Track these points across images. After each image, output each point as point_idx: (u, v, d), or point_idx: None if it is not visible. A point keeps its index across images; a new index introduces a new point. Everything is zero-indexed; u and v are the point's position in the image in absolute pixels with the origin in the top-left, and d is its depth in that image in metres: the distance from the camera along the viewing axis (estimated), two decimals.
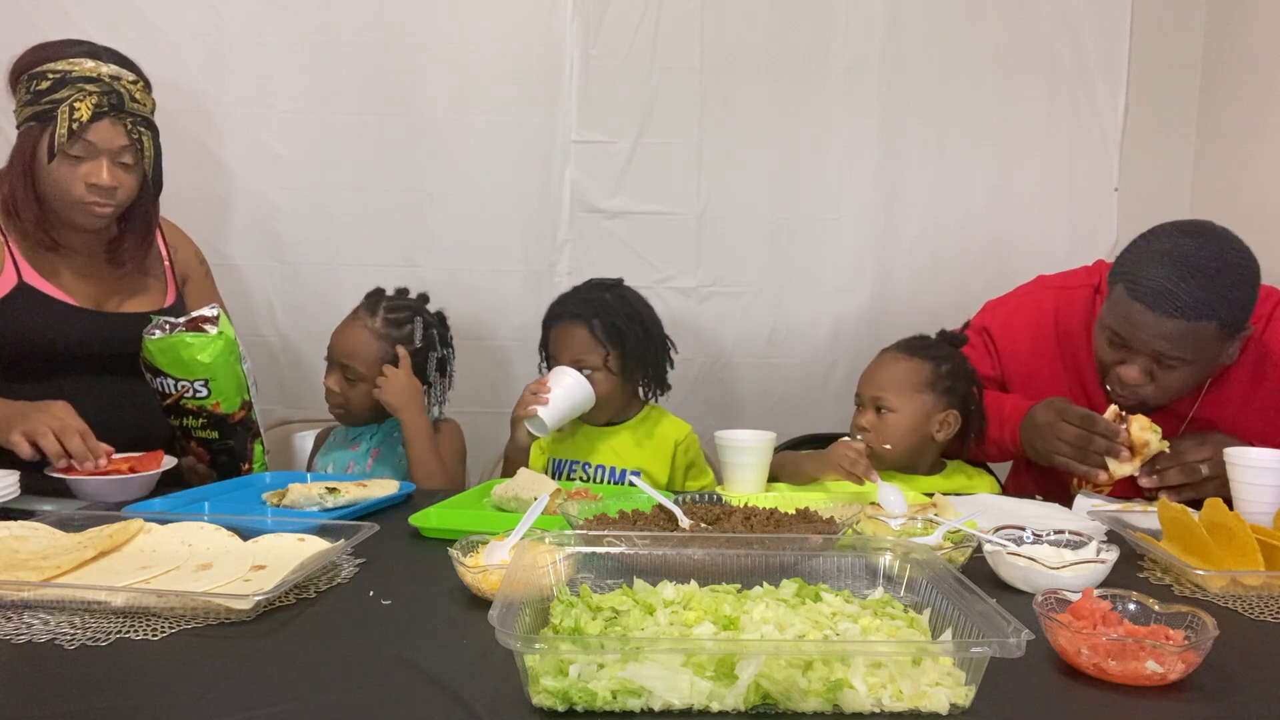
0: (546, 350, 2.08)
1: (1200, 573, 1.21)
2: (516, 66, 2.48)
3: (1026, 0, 2.51)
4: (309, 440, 2.22)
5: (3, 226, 1.82)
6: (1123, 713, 0.88)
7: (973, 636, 0.89)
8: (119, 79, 1.76)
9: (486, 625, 0.84)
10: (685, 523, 1.33)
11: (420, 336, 2.04)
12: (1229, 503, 1.41)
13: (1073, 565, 1.18)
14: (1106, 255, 2.24)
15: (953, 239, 2.58)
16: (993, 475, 1.99)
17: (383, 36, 2.46)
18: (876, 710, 0.85)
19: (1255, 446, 1.58)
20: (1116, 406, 1.68)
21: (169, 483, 1.75)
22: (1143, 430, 1.64)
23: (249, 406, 1.89)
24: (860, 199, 2.56)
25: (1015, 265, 2.39)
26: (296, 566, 1.13)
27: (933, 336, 1.96)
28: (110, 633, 1.01)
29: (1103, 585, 1.15)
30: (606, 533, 1.19)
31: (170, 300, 2.00)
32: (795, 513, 1.38)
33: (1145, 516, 1.47)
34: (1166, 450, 1.64)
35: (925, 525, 1.37)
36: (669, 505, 1.37)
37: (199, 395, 1.82)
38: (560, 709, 0.84)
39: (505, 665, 0.89)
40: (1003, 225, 2.58)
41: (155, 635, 1.01)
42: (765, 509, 1.39)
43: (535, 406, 1.88)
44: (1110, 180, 2.58)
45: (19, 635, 1.01)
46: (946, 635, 0.94)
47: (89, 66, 1.74)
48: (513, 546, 1.16)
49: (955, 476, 1.91)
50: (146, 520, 1.33)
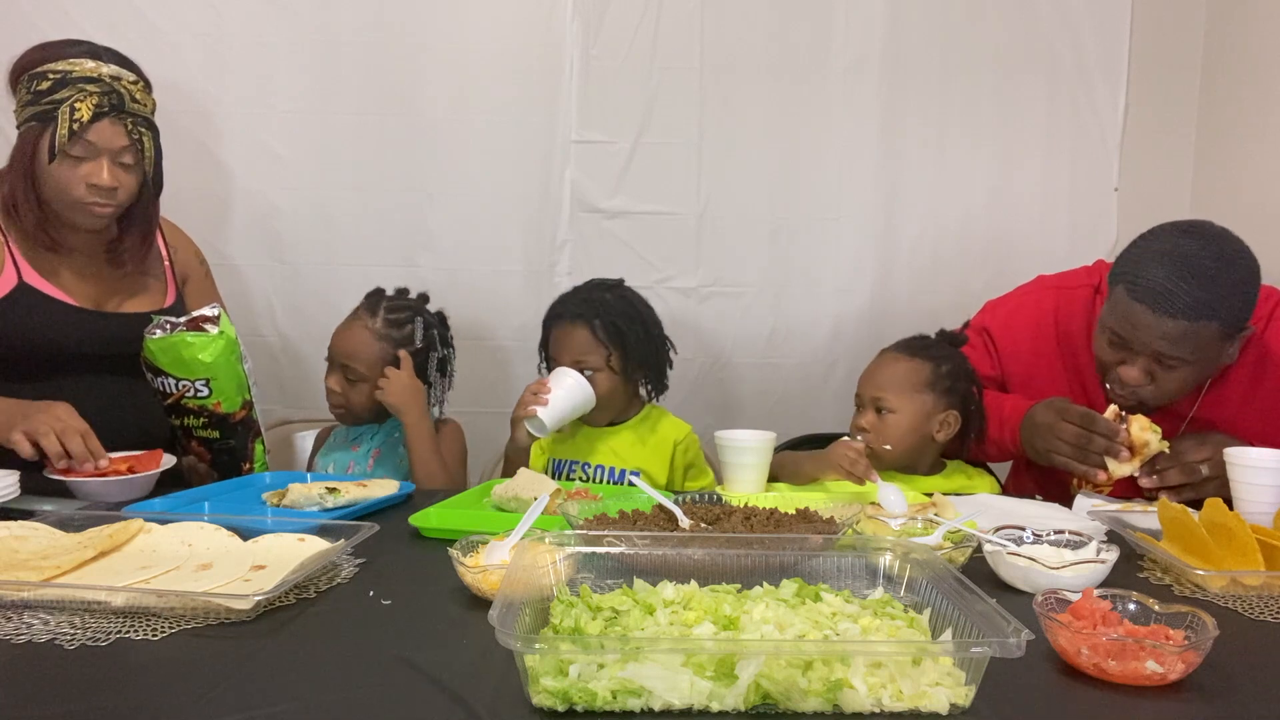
0: (546, 350, 2.08)
1: (1200, 573, 1.21)
2: (516, 66, 2.48)
3: (1026, 0, 2.51)
4: (309, 440, 2.22)
5: (3, 226, 1.82)
6: (1123, 713, 0.88)
7: (973, 636, 0.89)
8: (119, 79, 1.76)
9: (486, 625, 0.84)
10: (685, 523, 1.33)
11: (421, 336, 2.04)
12: (1229, 503, 1.41)
13: (1073, 565, 1.18)
14: (1106, 255, 2.24)
15: (953, 239, 2.59)
16: (993, 475, 1.99)
17: (383, 36, 2.46)
18: (876, 710, 0.85)
19: (1255, 446, 1.58)
20: (1116, 406, 1.68)
21: (169, 483, 1.75)
22: (1143, 430, 1.64)
23: (250, 406, 1.90)
24: (860, 199, 2.56)
25: (1015, 265, 2.39)
26: (296, 566, 1.13)
27: (932, 336, 1.96)
28: (110, 633, 1.01)
29: (1103, 585, 1.15)
30: (606, 533, 1.19)
31: (170, 300, 2.00)
32: (795, 513, 1.38)
33: (1145, 516, 1.47)
34: (1166, 450, 1.64)
35: (925, 525, 1.37)
36: (669, 505, 1.37)
37: (200, 395, 1.82)
38: (560, 709, 0.84)
39: (505, 665, 0.89)
40: (1003, 225, 2.58)
41: (155, 635, 1.01)
42: (765, 509, 1.39)
43: (535, 407, 1.88)
44: (1110, 180, 2.58)
45: (19, 635, 1.01)
46: (946, 635, 0.94)
47: (90, 67, 1.74)
48: (513, 546, 1.16)
49: (955, 476, 1.91)
50: (146, 520, 1.33)
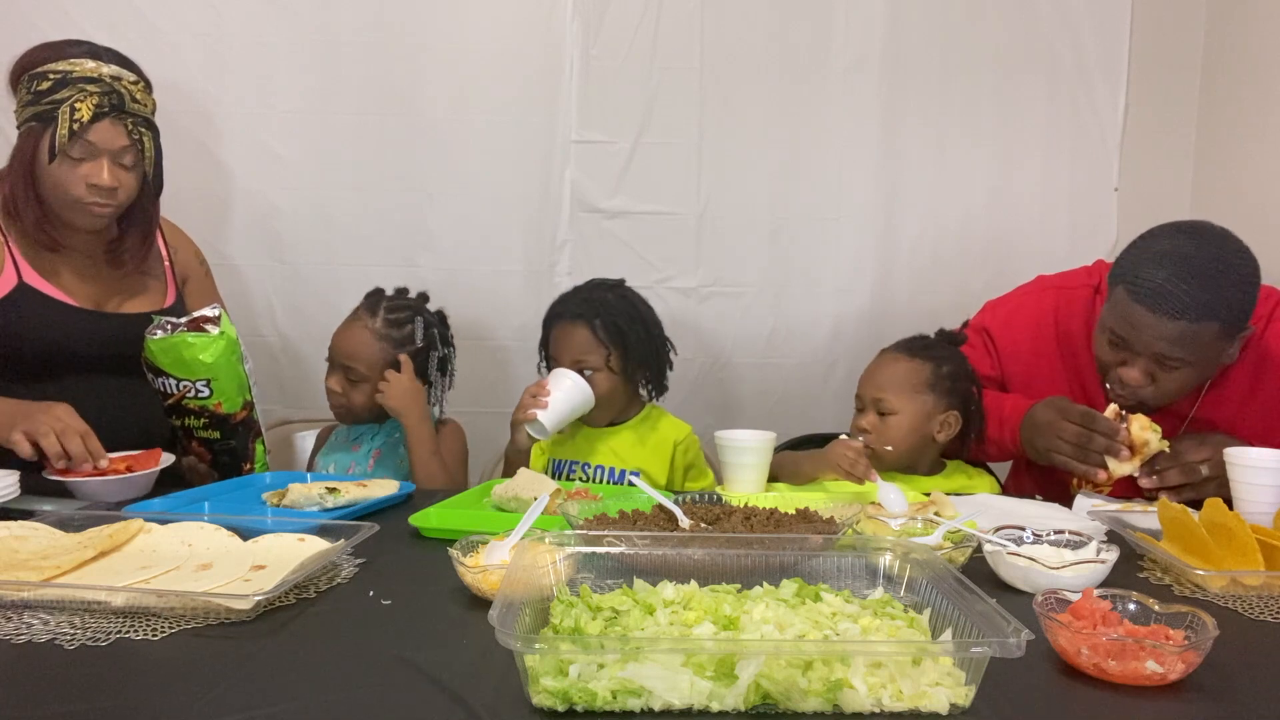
0: (547, 350, 2.08)
1: (1200, 573, 1.21)
2: (516, 66, 2.48)
3: (1026, 0, 2.52)
4: (309, 440, 2.22)
5: (3, 227, 1.82)
6: (1123, 713, 0.88)
7: (973, 636, 0.89)
8: (120, 79, 1.76)
9: (486, 625, 0.84)
10: (685, 523, 1.33)
11: (421, 336, 2.04)
12: (1229, 503, 1.41)
13: (1073, 565, 1.18)
14: (1106, 255, 2.24)
15: (953, 239, 2.59)
16: (993, 475, 1.99)
17: (383, 36, 2.46)
18: (876, 710, 0.85)
19: (1255, 446, 1.58)
20: (1117, 405, 1.68)
21: (169, 483, 1.75)
22: (1143, 429, 1.63)
23: (251, 406, 1.90)
24: (860, 199, 2.56)
25: (1015, 265, 2.40)
26: (296, 566, 1.13)
27: (932, 336, 1.96)
28: (110, 633, 1.01)
29: (1103, 585, 1.15)
30: (606, 533, 1.19)
31: (170, 300, 2.00)
32: (795, 513, 1.38)
33: (1145, 516, 1.47)
34: (1166, 449, 1.64)
35: (925, 525, 1.37)
36: (669, 505, 1.37)
37: (201, 395, 1.82)
38: (560, 709, 0.84)
39: (505, 665, 0.89)
40: (1003, 225, 2.58)
41: (155, 635, 1.01)
42: (765, 509, 1.39)
43: (534, 410, 1.88)
44: (1110, 180, 2.58)
45: (19, 635, 1.01)
46: (946, 635, 0.94)
47: (90, 67, 1.74)
48: (513, 546, 1.16)
49: (955, 476, 1.91)
50: (146, 520, 1.33)
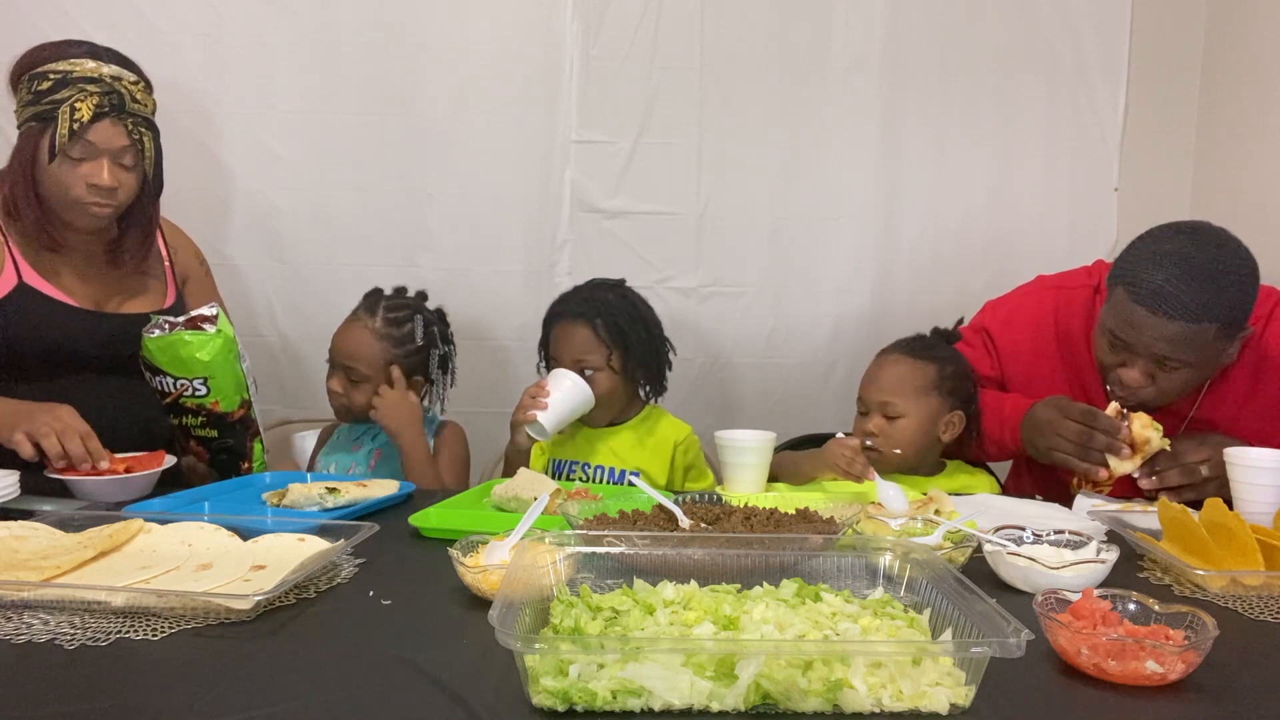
0: (547, 350, 2.07)
1: (1200, 573, 1.21)
2: (516, 66, 2.48)
3: (1026, 0, 2.52)
4: (309, 440, 2.22)
5: (3, 227, 1.82)
6: (1123, 713, 0.88)
7: (973, 636, 0.89)
8: (120, 79, 1.76)
9: (486, 625, 0.84)
10: (685, 523, 1.33)
11: (421, 334, 2.04)
12: (1229, 503, 1.41)
13: (1073, 565, 1.18)
14: (1106, 255, 2.24)
15: (953, 239, 2.59)
16: (993, 475, 1.99)
17: (383, 36, 2.46)
18: (876, 710, 0.85)
19: (1255, 446, 1.58)
20: (1118, 404, 1.68)
21: (169, 483, 1.75)
22: (1144, 428, 1.63)
23: (248, 405, 1.90)
24: (860, 199, 2.56)
25: (1015, 265, 2.40)
26: (296, 566, 1.13)
27: (928, 335, 1.96)
28: (110, 633, 1.01)
29: (1103, 585, 1.15)
30: (606, 533, 1.19)
31: (170, 301, 2.00)
32: (795, 513, 1.38)
33: (1145, 516, 1.47)
34: (1168, 448, 1.63)
35: (925, 525, 1.37)
36: (669, 505, 1.37)
37: (198, 393, 1.82)
38: (560, 709, 0.84)
39: (505, 665, 0.89)
40: (1003, 225, 2.58)
41: (155, 635, 1.01)
42: (765, 509, 1.39)
43: (534, 412, 1.88)
44: (1110, 180, 2.58)
45: (19, 635, 1.01)
46: (946, 635, 0.94)
47: (90, 67, 1.74)
48: (513, 546, 1.16)
49: (955, 476, 1.91)
50: (146, 520, 1.33)
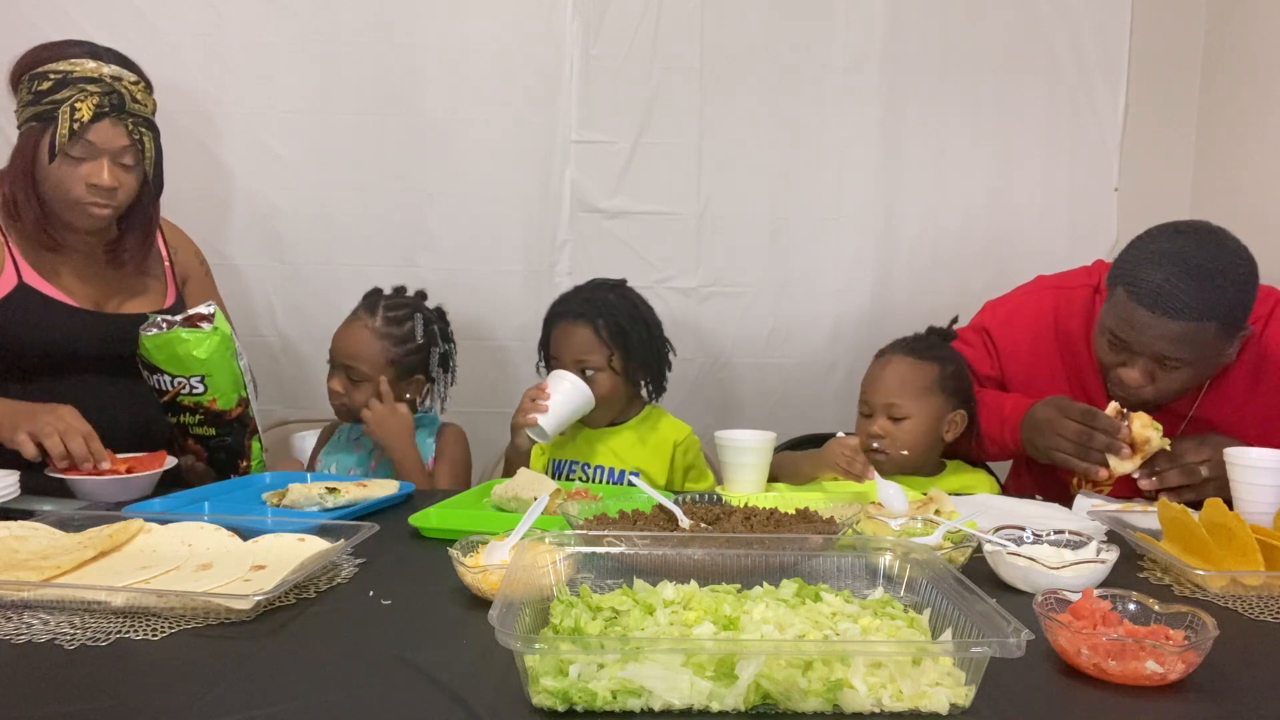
0: (547, 350, 2.07)
1: (1200, 573, 1.21)
2: (516, 66, 2.48)
3: (1026, 0, 2.52)
4: (309, 440, 2.22)
5: (3, 227, 1.82)
6: (1123, 713, 0.88)
7: (973, 636, 0.89)
8: (120, 79, 1.76)
9: (486, 625, 0.84)
10: (685, 523, 1.33)
11: (421, 332, 2.04)
12: (1229, 503, 1.41)
13: (1073, 565, 1.18)
14: (1106, 255, 2.24)
15: (953, 239, 2.59)
16: (993, 475, 1.99)
17: (383, 36, 2.46)
18: (876, 710, 0.85)
19: (1255, 446, 1.58)
20: (1118, 404, 1.68)
21: (169, 483, 1.75)
22: (1144, 427, 1.63)
23: (246, 403, 1.89)
24: (860, 199, 2.56)
25: (1015, 265, 2.40)
26: (296, 566, 1.13)
27: (924, 335, 1.96)
28: (110, 633, 1.01)
29: (1103, 585, 1.15)
30: (606, 533, 1.19)
31: (170, 301, 2.00)
32: (795, 513, 1.38)
33: (1145, 516, 1.47)
34: (1167, 447, 1.63)
35: (925, 525, 1.37)
36: (669, 505, 1.37)
37: (195, 391, 1.82)
38: (560, 709, 0.84)
39: (505, 665, 0.89)
40: (1003, 225, 2.59)
41: (155, 635, 1.01)
42: (765, 509, 1.39)
43: (535, 415, 1.88)
44: (1110, 180, 2.59)
45: (19, 635, 1.01)
46: (946, 635, 0.94)
47: (90, 67, 1.74)
48: (513, 546, 1.16)
49: (955, 476, 1.91)
50: (146, 520, 1.33)
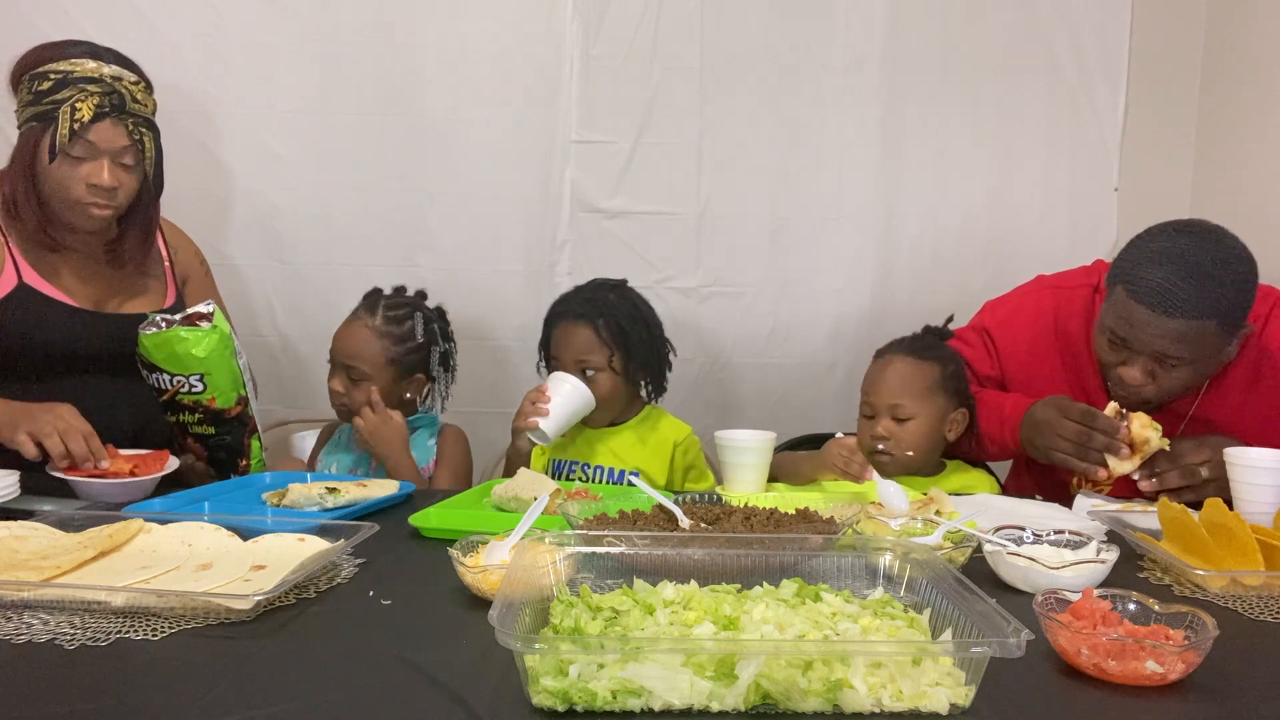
0: (548, 350, 2.07)
1: (1200, 573, 1.21)
2: (516, 66, 2.48)
3: (1026, 0, 2.52)
4: (309, 440, 2.22)
5: (3, 227, 1.82)
6: (1123, 713, 0.88)
7: (973, 636, 0.89)
8: (120, 79, 1.76)
9: (486, 625, 0.84)
10: (685, 523, 1.33)
11: (421, 331, 2.04)
12: (1229, 503, 1.41)
13: (1073, 565, 1.18)
14: (1106, 255, 2.23)
15: (953, 239, 2.59)
16: (993, 475, 1.99)
17: (383, 36, 2.46)
18: (876, 710, 0.85)
19: (1255, 446, 1.58)
20: (1117, 404, 1.68)
21: (169, 483, 1.74)
22: (1143, 427, 1.63)
23: (245, 402, 1.89)
24: (860, 199, 2.56)
25: (1015, 265, 2.39)
26: (296, 566, 1.13)
27: (920, 334, 1.96)
28: (110, 633, 1.01)
29: (1103, 585, 1.15)
30: (606, 533, 1.19)
31: (170, 301, 2.00)
32: (795, 513, 1.38)
33: (1145, 516, 1.47)
34: (1167, 448, 1.63)
35: (925, 525, 1.37)
36: (669, 505, 1.37)
37: (194, 390, 1.82)
38: (560, 709, 0.84)
39: (505, 665, 0.89)
40: (1003, 225, 2.58)
41: (155, 635, 1.01)
42: (765, 509, 1.39)
43: (535, 418, 1.88)
44: (1110, 180, 2.59)
45: (19, 635, 1.01)
46: (946, 635, 0.94)
47: (91, 67, 1.74)
48: (513, 546, 1.16)
49: (955, 476, 1.91)
50: (146, 520, 1.33)
